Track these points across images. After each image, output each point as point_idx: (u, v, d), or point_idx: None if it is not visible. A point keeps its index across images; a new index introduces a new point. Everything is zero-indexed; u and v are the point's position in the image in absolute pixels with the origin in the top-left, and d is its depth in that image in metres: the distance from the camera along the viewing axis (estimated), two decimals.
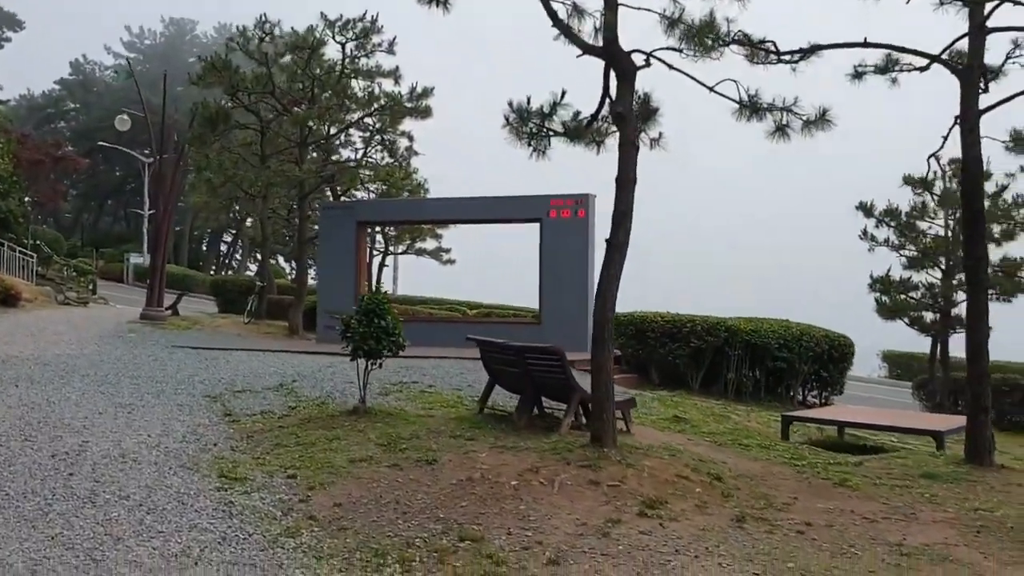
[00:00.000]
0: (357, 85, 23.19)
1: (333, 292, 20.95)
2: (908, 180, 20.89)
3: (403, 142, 26.51)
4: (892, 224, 21.11)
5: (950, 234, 21.02)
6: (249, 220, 47.49)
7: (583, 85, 10.69)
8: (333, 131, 24.54)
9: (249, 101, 23.30)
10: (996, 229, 20.35)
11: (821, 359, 17.24)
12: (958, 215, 20.82)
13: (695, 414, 12.99)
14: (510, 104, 10.78)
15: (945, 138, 10.34)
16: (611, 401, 8.25)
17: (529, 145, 10.52)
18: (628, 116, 8.41)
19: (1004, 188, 20.74)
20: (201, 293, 39.17)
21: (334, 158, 27.33)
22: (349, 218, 20.90)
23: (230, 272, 64.12)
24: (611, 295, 8.31)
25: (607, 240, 8.35)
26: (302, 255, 23.64)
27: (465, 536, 6.06)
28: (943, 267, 20.92)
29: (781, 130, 8.82)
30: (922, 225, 21.42)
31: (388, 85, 23.38)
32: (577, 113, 10.63)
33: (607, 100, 9.53)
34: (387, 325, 10.12)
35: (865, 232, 21.19)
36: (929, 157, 10.88)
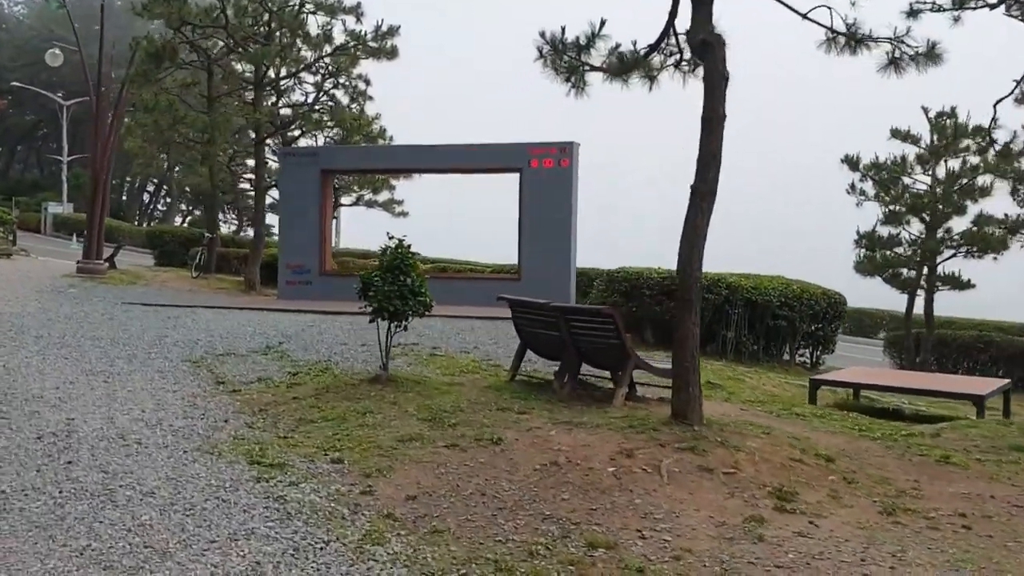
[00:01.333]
0: (315, 22, 21.49)
1: (295, 245, 19.51)
2: (896, 133, 20.28)
3: (360, 86, 24.79)
4: (875, 178, 20.50)
5: (939, 189, 20.51)
6: (177, 168, 45.06)
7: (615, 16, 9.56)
8: (287, 72, 22.79)
9: (194, 36, 21.42)
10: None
11: (818, 317, 16.59)
12: (947, 167, 20.40)
13: (715, 378, 12.13)
14: (543, 35, 9.60)
15: (1018, 82, 9.51)
16: (697, 372, 7.23)
17: (568, 81, 9.36)
18: (715, 42, 7.31)
19: None
20: (132, 245, 36.93)
21: (282, 102, 25.56)
22: (312, 166, 19.37)
23: (154, 223, 61.17)
24: (698, 251, 7.25)
25: (692, 187, 7.28)
26: (259, 205, 21.98)
27: (595, 542, 5.00)
28: (927, 222, 20.42)
29: (894, 63, 7.83)
30: (907, 180, 20.86)
31: (350, 23, 21.72)
32: (616, 46, 9.51)
33: (671, 30, 8.42)
34: (413, 283, 8.91)
35: (853, 187, 20.55)
36: (996, 103, 10.04)
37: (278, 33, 20.94)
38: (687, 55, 8.71)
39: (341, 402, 8.33)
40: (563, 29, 9.47)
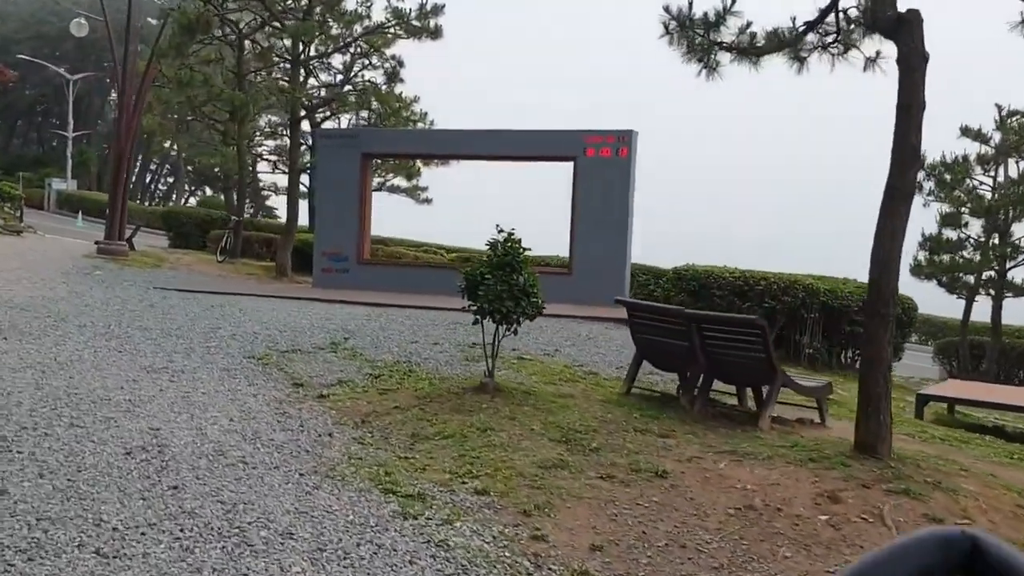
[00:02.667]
0: None
1: (332, 232, 18.47)
2: (966, 131, 19.37)
3: (390, 66, 23.69)
4: (943, 178, 19.57)
5: (1000, 193, 19.62)
6: (189, 148, 43.80)
7: None
8: (324, 50, 21.71)
9: (223, 10, 20.32)
10: None
11: (895, 323, 15.69)
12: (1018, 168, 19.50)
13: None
14: (667, 9, 8.66)
15: None
16: (889, 398, 6.30)
17: (700, 61, 8.41)
18: (914, 19, 6.35)
19: None
20: (144, 226, 35.73)
21: (311, 82, 24.48)
22: (353, 149, 18.30)
23: (156, 203, 59.89)
24: (896, 258, 6.32)
25: (889, 185, 6.33)
26: (292, 189, 20.91)
27: None
28: (996, 225, 19.51)
29: None
30: (973, 182, 19.94)
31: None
32: (748, 24, 8.56)
33: (835, 5, 7.46)
34: (525, 282, 7.95)
35: (920, 186, 19.60)
36: None
37: (318, 8, 19.82)
38: (847, 35, 7.76)
39: (451, 415, 7.37)
40: (690, 4, 8.56)
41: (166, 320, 11.84)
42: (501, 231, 8.20)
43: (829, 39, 7.82)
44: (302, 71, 21.27)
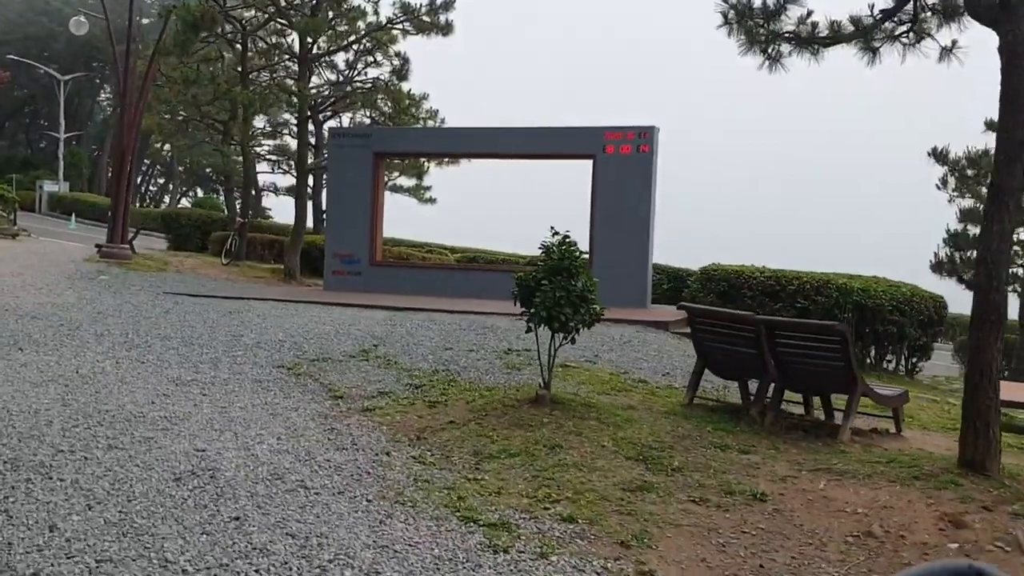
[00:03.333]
0: None
1: (344, 233, 17.96)
2: (991, 126, 18.93)
3: (397, 64, 23.15)
4: (966, 174, 19.17)
5: None
6: (186, 147, 43.07)
7: None
8: (327, 47, 21.16)
9: (226, 7, 19.74)
10: None
11: (926, 322, 15.31)
12: None
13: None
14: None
15: None
16: (998, 410, 5.87)
17: (763, 53, 7.97)
18: (1020, 3, 5.91)
19: None
20: (137, 227, 35.07)
21: (315, 80, 23.93)
22: (365, 148, 17.79)
23: (150, 204, 59.09)
24: (1005, 259, 5.89)
25: (993, 183, 5.90)
26: (301, 189, 20.35)
27: None
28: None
29: None
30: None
31: None
32: (809, 13, 8.14)
33: None
34: (583, 287, 7.48)
35: (944, 181, 19.23)
36: None
37: (324, 3, 19.28)
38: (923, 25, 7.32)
39: (511, 430, 6.90)
40: None
41: (185, 327, 11.33)
42: (556, 233, 7.73)
43: (902, 28, 7.38)
44: (309, 69, 20.72)
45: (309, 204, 25.22)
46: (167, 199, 62.90)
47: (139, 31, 20.39)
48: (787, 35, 7.98)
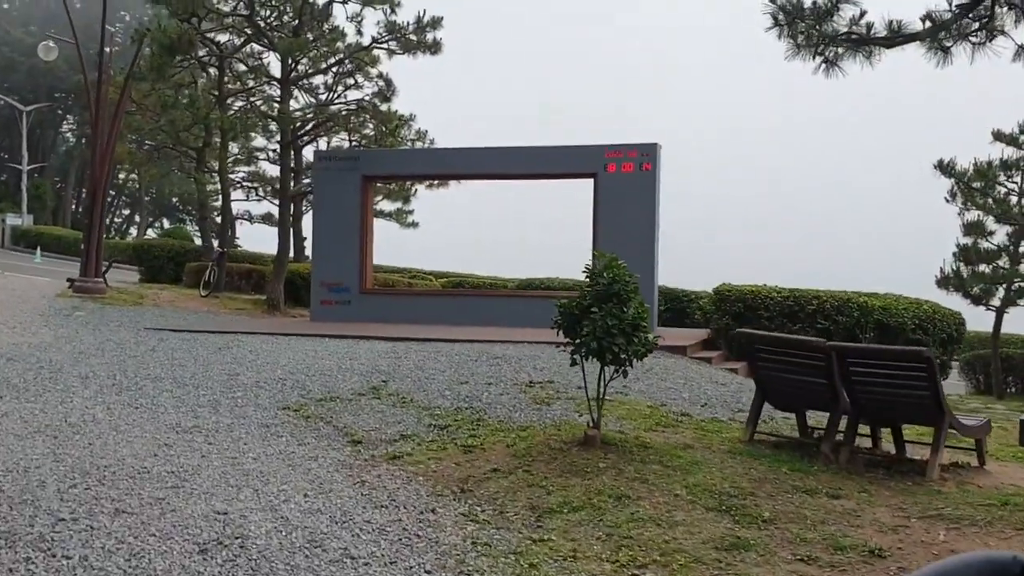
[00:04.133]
0: (344, 11, 19.16)
1: (332, 261, 17.14)
2: (999, 136, 18.58)
3: (381, 85, 22.43)
4: (973, 186, 18.73)
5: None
6: (146, 176, 42.04)
7: None
8: (306, 70, 20.42)
9: (201, 29, 18.92)
10: None
11: (945, 340, 14.81)
12: None
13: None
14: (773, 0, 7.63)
15: None
16: None
17: (819, 55, 7.37)
18: None
19: None
20: (109, 260, 33.95)
21: (293, 104, 23.14)
22: (353, 171, 17.03)
23: (114, 236, 57.71)
24: None
25: None
26: (284, 216, 19.49)
27: None
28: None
29: None
30: (1006, 187, 19.12)
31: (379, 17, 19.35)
32: (862, 13, 7.56)
33: None
34: (634, 316, 6.77)
35: (953, 194, 18.76)
36: None
37: (306, 25, 18.53)
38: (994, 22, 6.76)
39: (567, 478, 6.15)
40: None
41: (175, 366, 10.47)
42: (602, 255, 7.03)
43: (974, 26, 6.81)
44: (290, 92, 19.95)
45: (290, 231, 24.35)
46: (133, 230, 61.57)
47: (110, 59, 19.46)
48: (842, 36, 7.39)
